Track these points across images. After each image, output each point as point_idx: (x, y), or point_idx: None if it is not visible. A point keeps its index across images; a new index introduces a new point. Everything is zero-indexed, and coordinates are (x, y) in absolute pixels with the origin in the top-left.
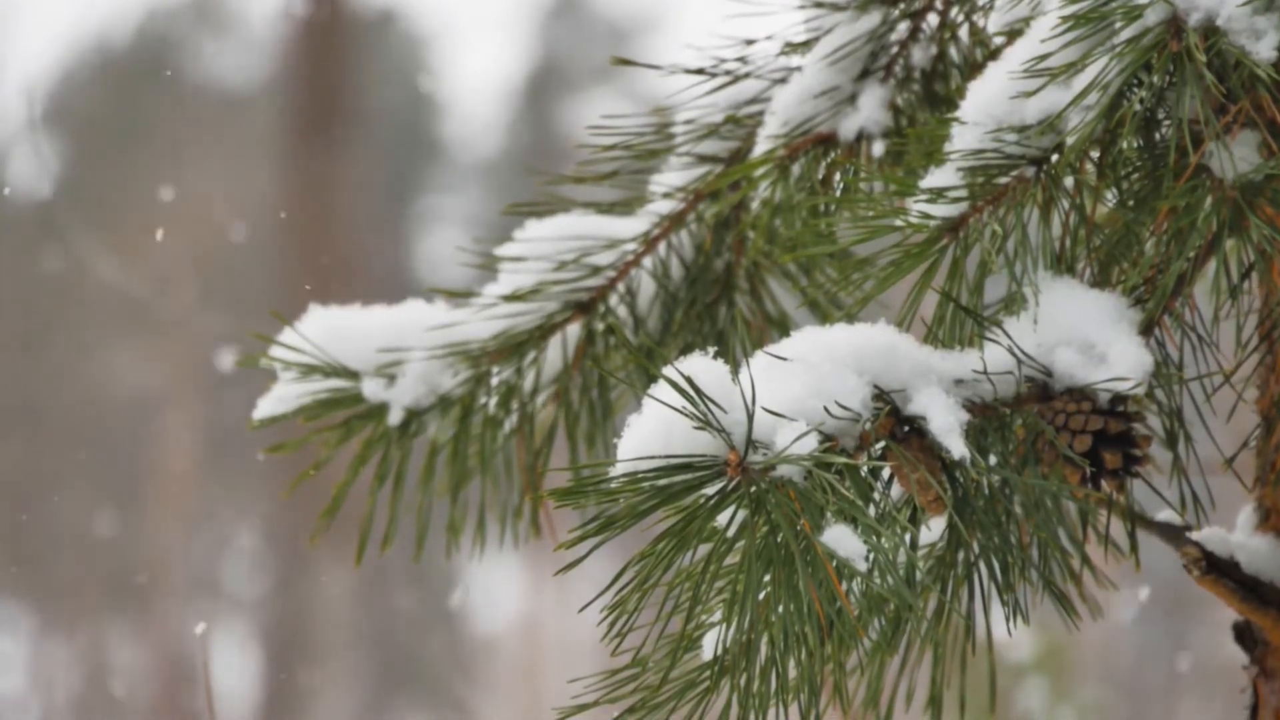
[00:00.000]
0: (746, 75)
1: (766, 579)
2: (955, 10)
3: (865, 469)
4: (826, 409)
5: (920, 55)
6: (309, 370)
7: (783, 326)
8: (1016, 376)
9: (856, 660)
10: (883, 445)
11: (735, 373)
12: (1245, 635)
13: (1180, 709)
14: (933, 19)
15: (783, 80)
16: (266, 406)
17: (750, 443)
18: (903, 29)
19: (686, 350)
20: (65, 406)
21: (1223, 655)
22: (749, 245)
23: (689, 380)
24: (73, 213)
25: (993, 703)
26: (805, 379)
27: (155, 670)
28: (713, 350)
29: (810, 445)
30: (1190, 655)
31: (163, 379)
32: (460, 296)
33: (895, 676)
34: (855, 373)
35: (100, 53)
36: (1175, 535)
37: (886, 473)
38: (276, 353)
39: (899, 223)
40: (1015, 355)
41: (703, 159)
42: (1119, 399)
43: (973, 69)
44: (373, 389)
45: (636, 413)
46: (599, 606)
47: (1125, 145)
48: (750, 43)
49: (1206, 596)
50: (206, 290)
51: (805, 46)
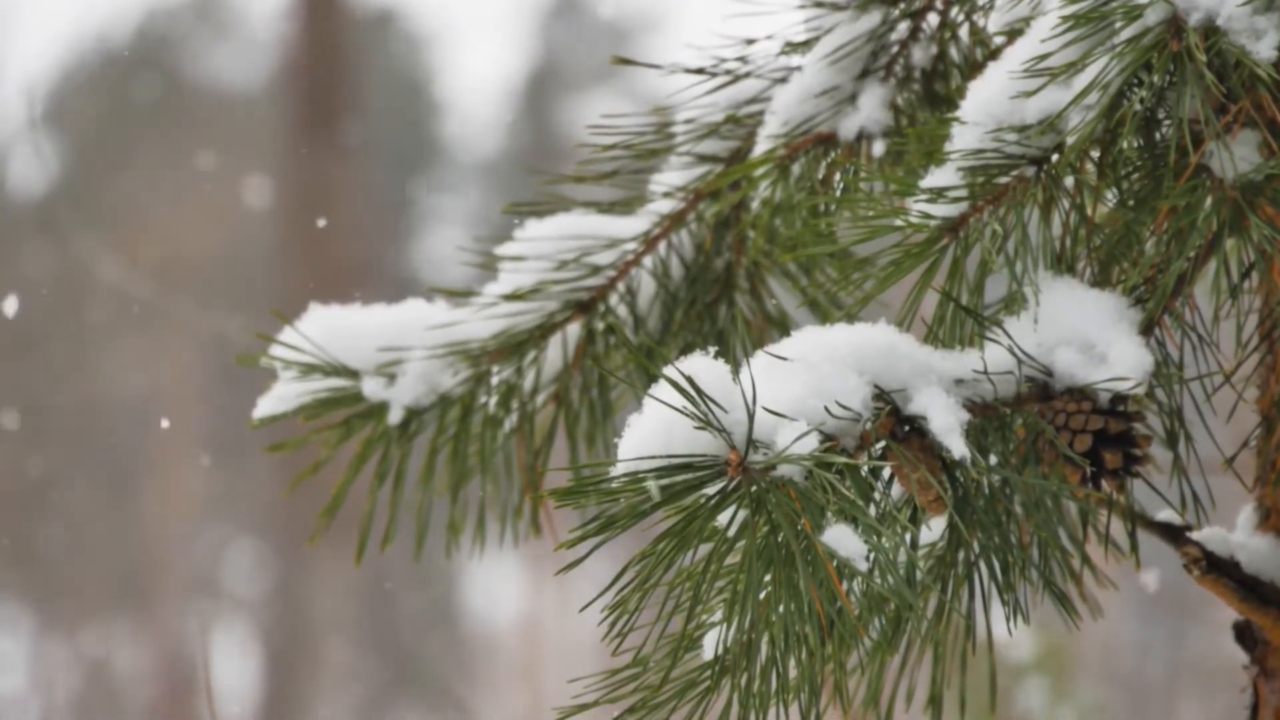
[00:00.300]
0: (747, 75)
1: (767, 579)
2: (955, 10)
3: (866, 469)
4: (827, 409)
5: (920, 55)
6: (309, 369)
7: (783, 326)
8: (1017, 376)
9: (857, 660)
10: (883, 445)
11: (736, 372)
12: (1245, 635)
13: (1180, 709)
14: (933, 19)
15: (783, 80)
16: (266, 406)
17: (751, 442)
18: (903, 29)
19: (687, 350)
20: (65, 406)
21: (1223, 655)
22: (749, 245)
23: (689, 380)
24: (73, 213)
25: (993, 702)
26: (806, 379)
27: (155, 670)
28: (713, 350)
29: (811, 445)
30: (1190, 655)
31: (163, 379)
32: (460, 296)
33: (895, 676)
34: (856, 372)
35: (100, 52)
36: (1175, 535)
37: (887, 472)
38: (277, 352)
39: (899, 222)
40: (1015, 355)
41: (703, 158)
42: (1119, 399)
43: (973, 69)
44: (373, 388)
45: (637, 412)
46: (600, 606)
47: (1125, 145)
48: (750, 42)
49: (1207, 596)
50: (206, 290)
51: (805, 46)
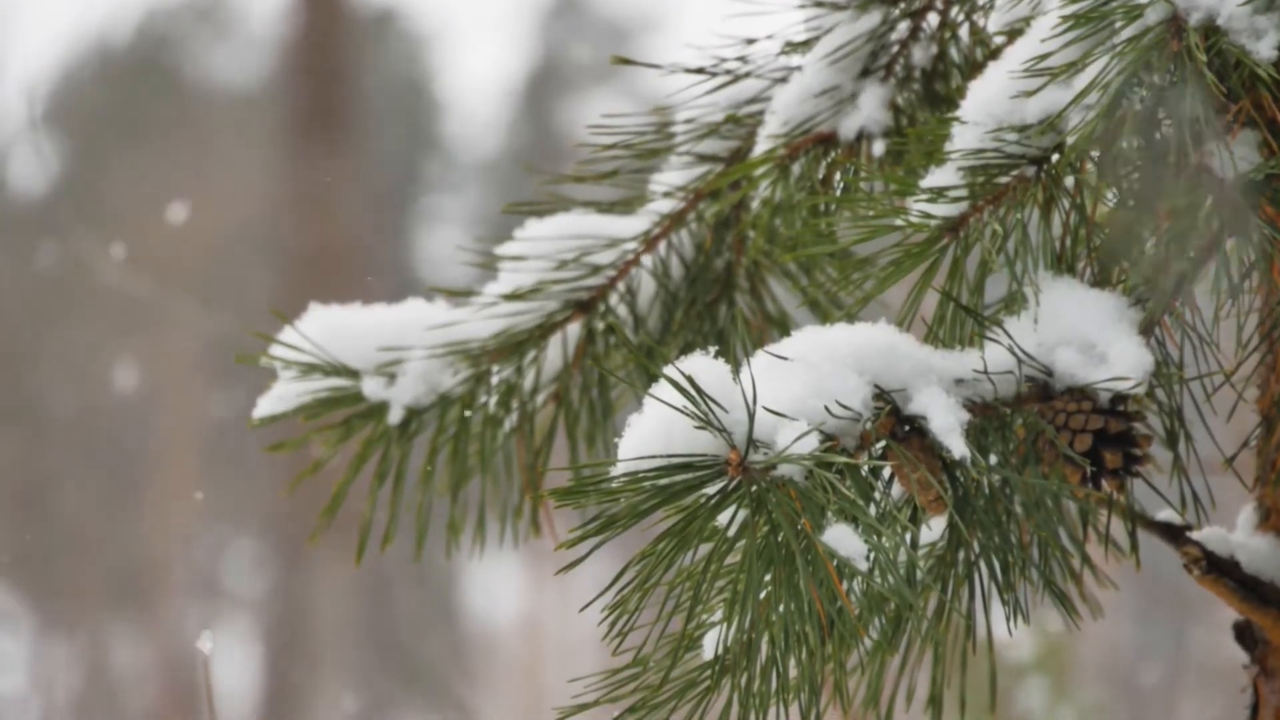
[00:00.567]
0: (747, 74)
1: (767, 578)
2: (956, 10)
3: (866, 468)
4: (827, 408)
5: (921, 55)
6: (309, 369)
7: (783, 326)
8: (1017, 376)
9: (857, 659)
10: (883, 445)
11: (736, 372)
12: (1246, 635)
13: (1180, 709)
14: (933, 18)
15: (783, 79)
16: (266, 405)
17: (751, 442)
18: (903, 28)
19: (687, 349)
20: (65, 406)
21: (1223, 655)
22: (749, 244)
23: (690, 380)
24: (73, 213)
25: (993, 702)
26: (806, 378)
27: (155, 670)
28: (713, 350)
29: (811, 445)
30: (1190, 655)
31: (163, 378)
32: (460, 295)
33: (896, 676)
34: (856, 372)
35: (100, 52)
36: (1176, 535)
37: (887, 472)
38: (277, 351)
39: (899, 222)
40: (1016, 355)
41: (703, 158)
42: (1119, 398)
43: (973, 68)
44: (373, 388)
45: (637, 412)
46: (600, 606)
47: (1126, 145)
48: (751, 42)
49: (1207, 596)
50: (206, 289)
51: (805, 46)
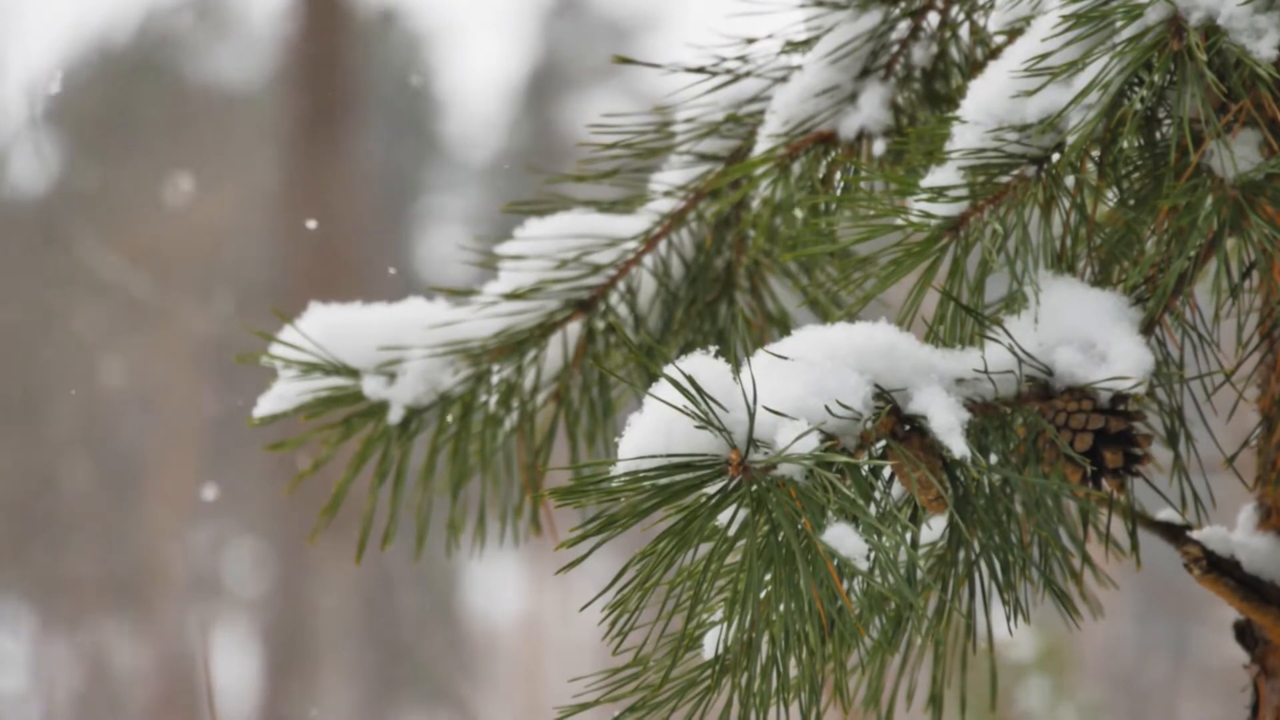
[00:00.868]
0: (747, 74)
1: (768, 578)
2: (956, 9)
3: (866, 468)
4: (827, 408)
5: (921, 54)
6: (309, 368)
7: (783, 325)
8: (1017, 375)
9: (857, 659)
10: (884, 444)
11: (736, 371)
12: (1246, 634)
13: (1180, 709)
14: (933, 18)
15: (783, 79)
16: (267, 404)
17: (751, 441)
18: (903, 28)
19: (687, 349)
20: (65, 406)
21: (1223, 655)
22: (750, 244)
23: (690, 379)
24: (73, 212)
25: (993, 702)
26: (806, 378)
27: (155, 670)
28: (714, 349)
29: (811, 444)
30: (1191, 655)
31: (163, 378)
32: (461, 294)
33: (896, 675)
34: (856, 371)
35: (101, 51)
36: (1176, 534)
37: (887, 471)
38: (277, 350)
39: (900, 221)
40: (1016, 354)
41: (703, 157)
42: (1120, 398)
43: (973, 68)
44: (373, 387)
45: (637, 411)
46: (600, 605)
47: (1126, 144)
48: (751, 41)
49: (1207, 595)
50: (206, 289)
51: (806, 45)
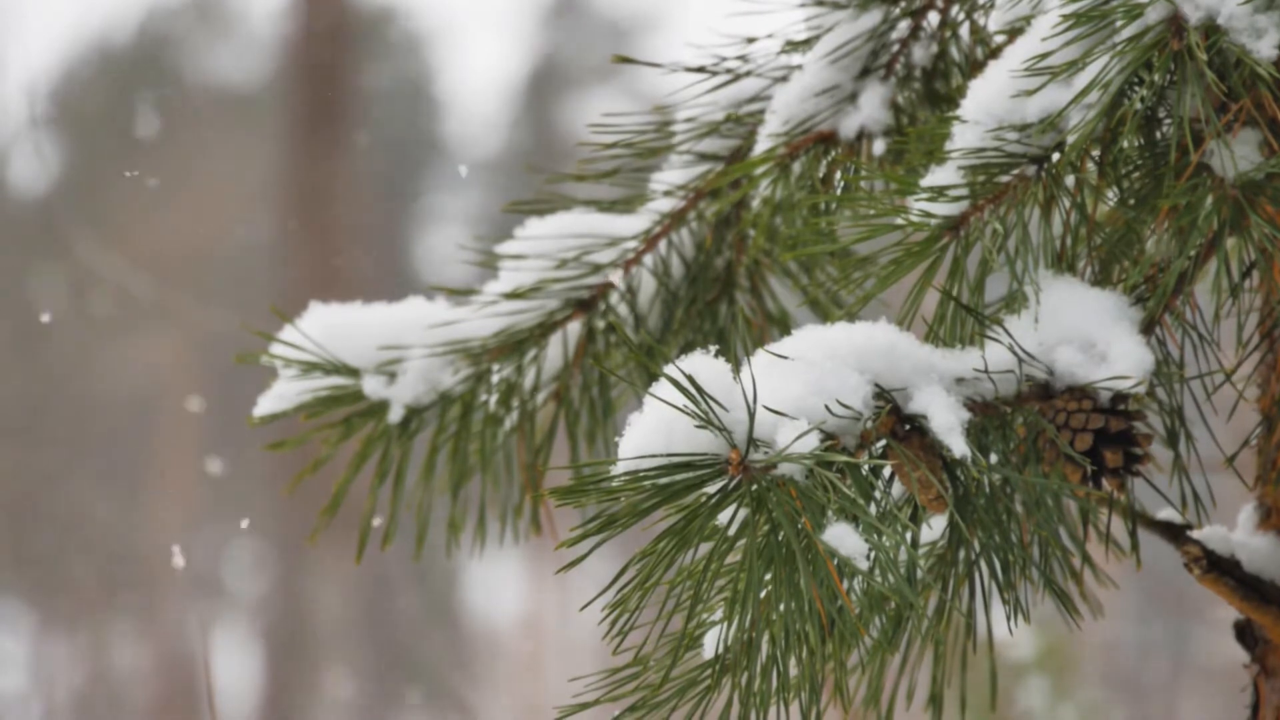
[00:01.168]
0: (747, 73)
1: (768, 577)
2: (956, 8)
3: (866, 467)
4: (828, 407)
5: (921, 53)
6: (309, 368)
7: (784, 325)
8: (1017, 375)
9: (857, 658)
10: (884, 444)
11: (736, 371)
12: (1246, 634)
13: (1181, 708)
14: (933, 17)
15: (783, 78)
16: (267, 404)
17: (751, 441)
18: (903, 27)
19: (687, 348)
20: (65, 406)
21: (1223, 654)
22: (750, 243)
23: (690, 378)
24: (73, 212)
25: (993, 701)
26: (806, 377)
27: (155, 669)
28: (714, 348)
29: (811, 444)
30: (1191, 654)
31: (163, 377)
32: (461, 294)
33: (896, 675)
34: (856, 371)
35: (101, 51)
36: (1176, 534)
37: (888, 471)
38: (277, 350)
39: (900, 221)
40: (1016, 354)
41: (703, 157)
42: (1120, 397)
43: (973, 67)
44: (373, 386)
45: (637, 411)
46: (600, 605)
47: (1126, 144)
48: (751, 41)
49: (1207, 595)
50: (207, 289)
51: (806, 45)
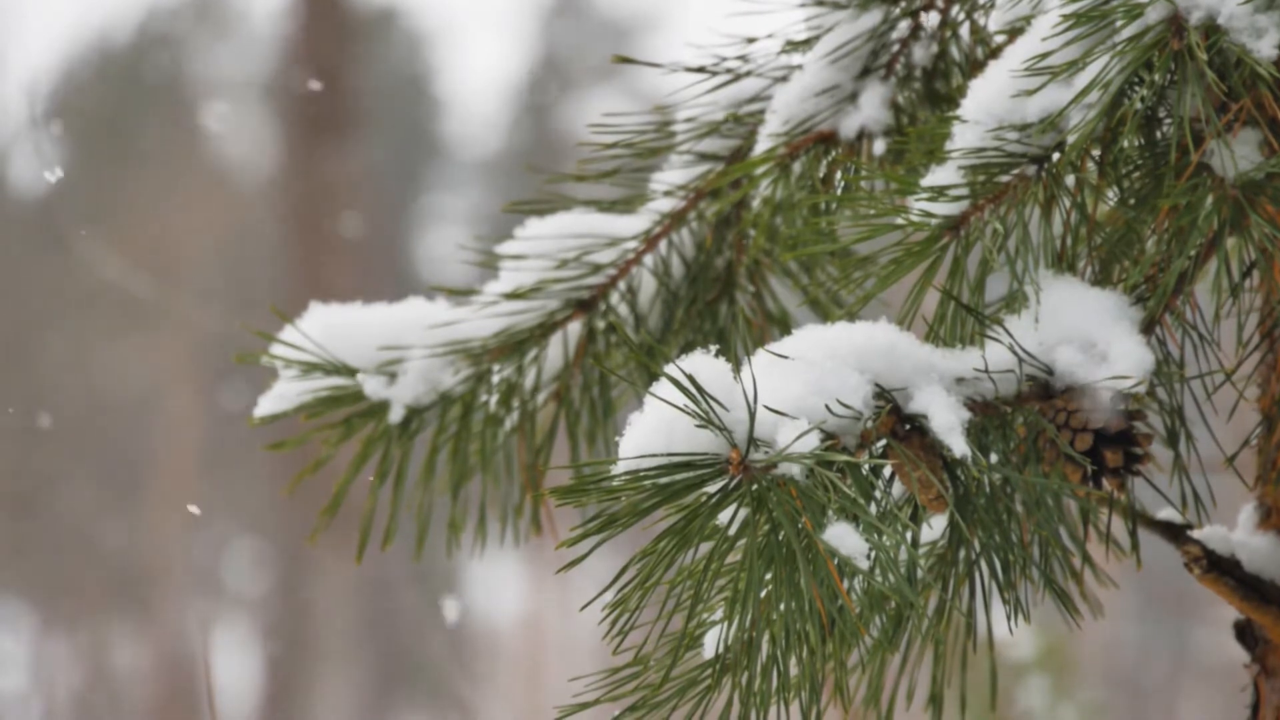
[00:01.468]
0: (747, 73)
1: (768, 577)
2: (956, 8)
3: (866, 467)
4: (828, 407)
5: (921, 53)
6: (310, 368)
7: (784, 325)
8: (1018, 375)
9: (858, 658)
10: (884, 443)
11: (737, 371)
12: (1246, 633)
13: (1181, 708)
14: (934, 17)
15: (784, 78)
16: (267, 404)
17: (752, 441)
18: (904, 27)
19: (688, 348)
20: (65, 406)
21: (1223, 654)
22: (750, 243)
23: (690, 378)
24: (73, 212)
25: (993, 701)
26: (806, 377)
27: (155, 669)
28: (714, 348)
29: (812, 443)
30: (1191, 654)
31: (163, 377)
32: (461, 294)
33: (896, 674)
34: (856, 371)
35: (102, 51)
36: (1176, 533)
37: (888, 471)
38: (277, 350)
39: (900, 221)
40: (1016, 353)
41: (704, 157)
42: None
43: (974, 67)
44: (373, 387)
45: (638, 411)
46: (600, 605)
47: (1126, 143)
48: (751, 41)
49: (1207, 595)
50: (207, 288)
51: (806, 45)
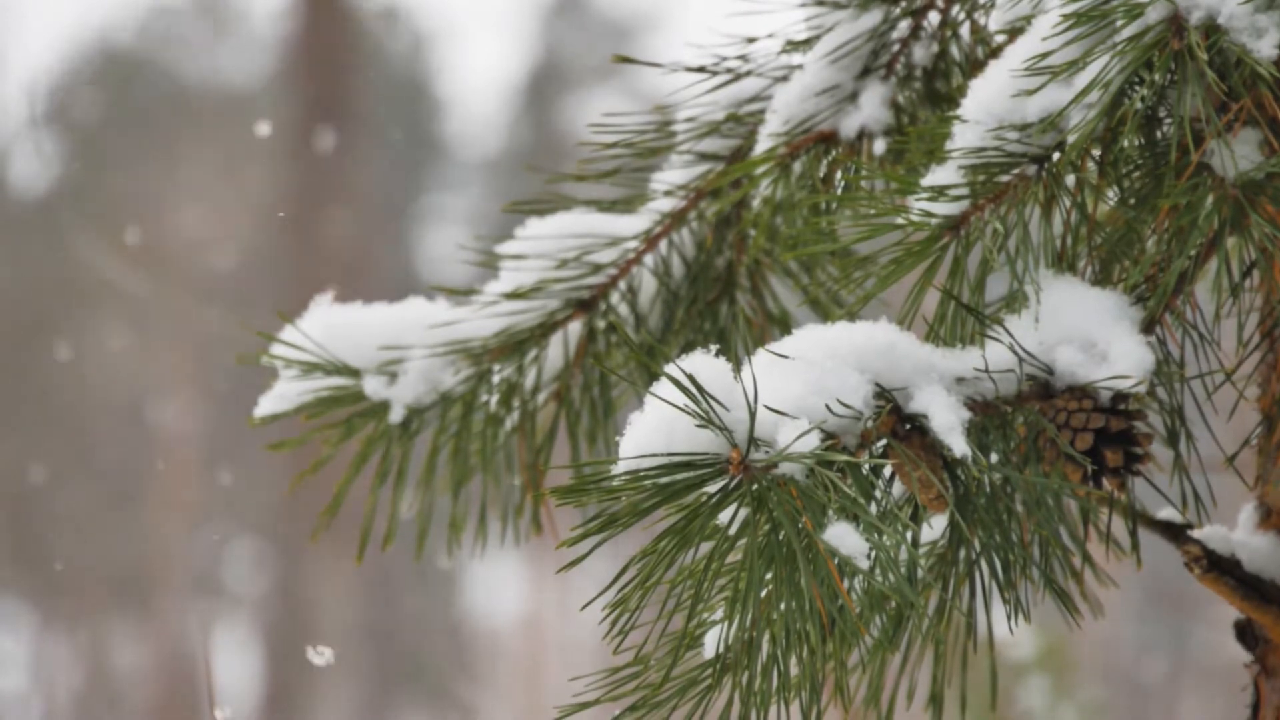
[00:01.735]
0: (748, 73)
1: (768, 577)
2: (956, 8)
3: (867, 467)
4: (828, 407)
5: (921, 53)
6: (310, 368)
7: (784, 324)
8: (1018, 374)
9: (858, 658)
10: (884, 443)
11: (737, 371)
12: (1247, 633)
13: (1181, 708)
14: (934, 17)
15: (784, 78)
16: (268, 404)
17: (752, 440)
18: (904, 27)
19: (688, 348)
20: (65, 406)
21: (1224, 654)
22: (750, 243)
23: (691, 378)
24: (73, 212)
25: (994, 701)
26: (807, 377)
27: (156, 669)
28: (714, 348)
29: (812, 443)
30: (1191, 654)
31: (163, 377)
32: (462, 294)
33: (896, 674)
34: (857, 371)
35: (102, 51)
36: (1177, 533)
37: (888, 470)
38: (278, 350)
39: (900, 221)
40: (1016, 353)
41: (704, 157)
42: (1120, 397)
43: (974, 67)
44: (374, 387)
45: (638, 410)
46: (601, 604)
47: (1127, 143)
48: (751, 40)
49: (1207, 595)
50: (207, 289)
51: (806, 44)
